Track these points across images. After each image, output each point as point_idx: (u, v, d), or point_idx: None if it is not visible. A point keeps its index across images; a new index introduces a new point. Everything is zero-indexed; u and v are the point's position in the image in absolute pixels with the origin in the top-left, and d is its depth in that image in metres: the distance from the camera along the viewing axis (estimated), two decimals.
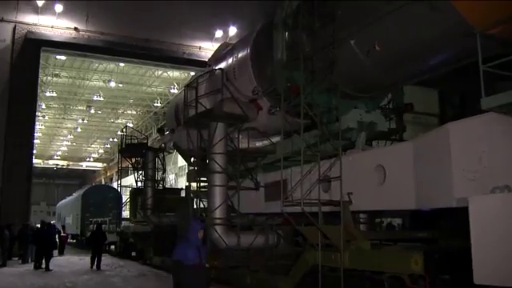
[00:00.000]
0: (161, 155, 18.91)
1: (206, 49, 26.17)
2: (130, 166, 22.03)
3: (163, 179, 19.13)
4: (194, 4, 24.97)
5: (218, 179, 9.64)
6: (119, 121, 50.91)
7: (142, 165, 19.27)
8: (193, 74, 29.42)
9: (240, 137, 10.23)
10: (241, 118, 9.61)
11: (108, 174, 70.76)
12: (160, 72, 36.31)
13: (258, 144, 10.61)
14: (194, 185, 13.25)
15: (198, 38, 26.61)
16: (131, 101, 45.32)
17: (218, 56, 11.51)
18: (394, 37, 7.23)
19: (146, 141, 20.14)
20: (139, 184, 19.37)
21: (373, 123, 8.60)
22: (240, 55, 9.98)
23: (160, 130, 20.49)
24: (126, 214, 23.82)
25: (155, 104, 43.88)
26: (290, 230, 9.79)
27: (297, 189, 7.84)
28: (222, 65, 10.65)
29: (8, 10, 23.15)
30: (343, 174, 7.55)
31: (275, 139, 10.41)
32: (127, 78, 38.83)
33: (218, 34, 26.54)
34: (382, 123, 8.70)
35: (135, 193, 20.26)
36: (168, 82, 38.64)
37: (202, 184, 10.58)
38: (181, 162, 43.35)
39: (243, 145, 10.18)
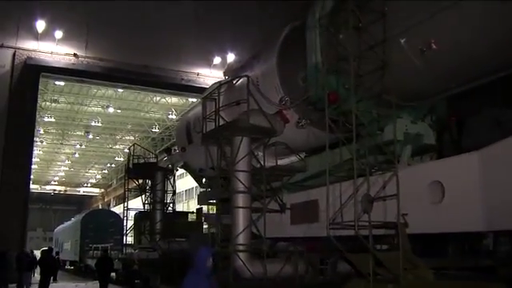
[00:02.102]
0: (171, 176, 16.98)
1: (205, 75, 25.27)
2: (129, 188, 20.33)
3: (173, 202, 17.13)
4: (192, 30, 24.03)
5: (241, 200, 8.10)
6: (117, 146, 49.45)
7: (150, 186, 17.40)
8: (193, 100, 28.27)
9: (261, 153, 8.77)
10: (268, 131, 8.11)
11: (105, 199, 68.56)
12: (158, 98, 35.15)
13: (282, 161, 9.12)
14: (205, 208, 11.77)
15: (197, 64, 25.54)
16: (129, 126, 43.86)
17: (236, 67, 10.13)
18: (455, 33, 5.94)
19: (156, 160, 18.23)
20: (146, 207, 17.51)
21: (419, 135, 7.24)
22: (264, 64, 8.60)
23: (167, 150, 18.77)
24: (129, 239, 21.85)
25: (153, 130, 42.56)
26: (317, 257, 8.39)
27: (335, 210, 6.49)
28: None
29: (8, 36, 22.01)
30: (390, 191, 6.18)
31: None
32: (125, 104, 37.53)
33: (217, 60, 25.56)
34: (428, 135, 7.31)
35: (140, 217, 18.44)
36: (166, 107, 37.40)
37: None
38: (179, 187, 41.61)
39: (267, 162, 8.69)
